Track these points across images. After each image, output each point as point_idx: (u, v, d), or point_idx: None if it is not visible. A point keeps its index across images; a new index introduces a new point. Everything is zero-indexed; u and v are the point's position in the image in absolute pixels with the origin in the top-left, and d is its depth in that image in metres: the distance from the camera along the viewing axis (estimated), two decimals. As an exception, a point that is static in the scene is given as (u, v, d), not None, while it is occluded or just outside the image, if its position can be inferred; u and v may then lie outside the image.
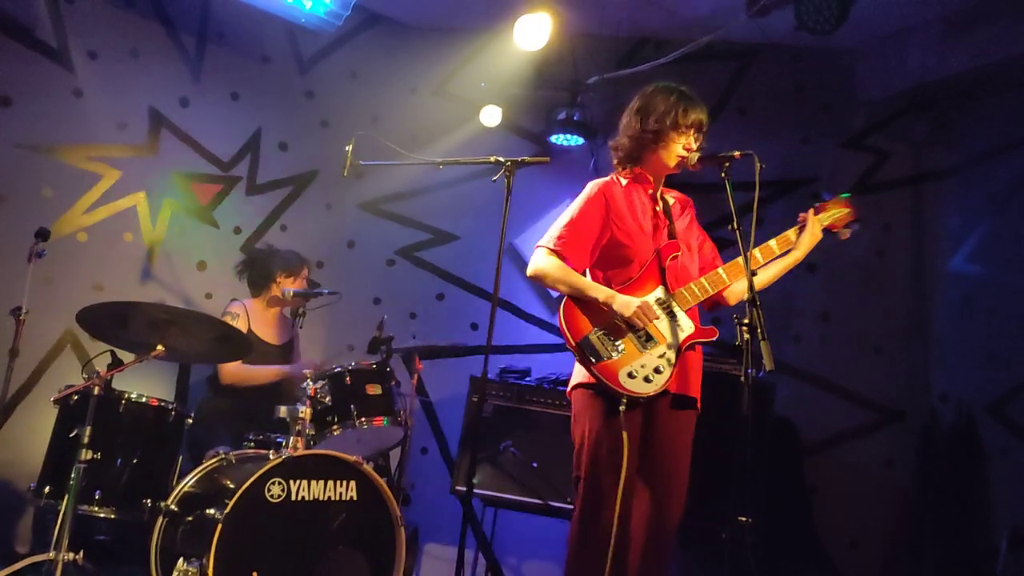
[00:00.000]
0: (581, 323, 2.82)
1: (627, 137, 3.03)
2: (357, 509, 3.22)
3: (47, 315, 4.44)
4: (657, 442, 2.87)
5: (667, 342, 2.83)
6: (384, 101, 5.51)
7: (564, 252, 2.91)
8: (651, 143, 2.96)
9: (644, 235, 2.96)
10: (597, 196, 2.99)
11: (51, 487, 3.41)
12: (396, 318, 5.03)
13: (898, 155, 5.17)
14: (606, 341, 2.79)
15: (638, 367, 2.77)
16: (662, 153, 2.97)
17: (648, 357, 2.80)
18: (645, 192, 3.05)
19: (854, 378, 5.07)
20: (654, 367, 2.79)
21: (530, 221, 5.50)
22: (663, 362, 2.80)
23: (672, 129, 2.93)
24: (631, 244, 2.93)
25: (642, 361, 2.78)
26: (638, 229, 2.95)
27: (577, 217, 2.96)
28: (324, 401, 3.49)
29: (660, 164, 3.01)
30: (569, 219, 2.97)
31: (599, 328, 2.81)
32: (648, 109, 2.98)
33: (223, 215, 5.20)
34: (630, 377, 2.75)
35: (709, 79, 5.40)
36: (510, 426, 4.56)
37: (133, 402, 3.53)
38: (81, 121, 4.77)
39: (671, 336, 2.84)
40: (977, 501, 4.60)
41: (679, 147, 2.95)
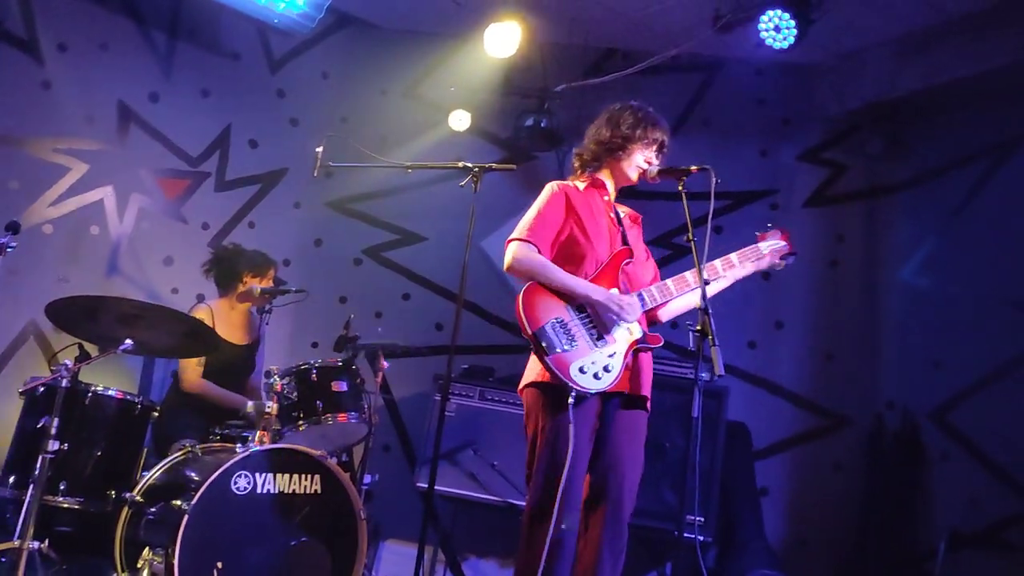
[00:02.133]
0: (539, 313, 2.87)
1: (594, 143, 3.17)
2: (321, 502, 3.29)
3: (10, 306, 4.45)
4: (612, 442, 2.96)
5: (616, 343, 2.92)
6: (354, 101, 5.58)
7: (536, 242, 2.99)
8: (617, 150, 3.10)
9: (598, 237, 3.06)
10: (559, 193, 3.10)
11: (15, 477, 3.42)
12: (362, 317, 5.08)
13: (853, 169, 5.36)
14: (561, 334, 2.86)
15: (588, 363, 2.84)
16: (624, 163, 3.11)
17: (598, 355, 2.88)
18: (600, 198, 3.17)
19: (805, 384, 5.24)
20: (603, 365, 2.87)
21: (496, 224, 5.59)
22: (612, 362, 2.89)
23: (637, 141, 3.09)
24: (586, 243, 3.03)
25: (592, 358, 2.87)
26: (593, 230, 3.05)
27: (543, 210, 3.06)
28: (290, 397, 3.54)
29: (620, 173, 3.15)
30: (536, 212, 3.06)
31: (555, 320, 2.87)
32: (618, 120, 3.12)
33: (191, 211, 5.22)
34: (581, 372, 2.82)
35: (674, 90, 5.55)
36: (472, 425, 4.66)
37: (100, 395, 3.54)
38: (49, 113, 4.77)
39: (622, 337, 2.94)
40: (918, 504, 4.79)
41: (640, 159, 3.10)
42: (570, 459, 2.78)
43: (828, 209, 5.39)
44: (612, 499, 2.92)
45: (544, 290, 2.93)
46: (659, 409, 3.16)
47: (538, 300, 2.90)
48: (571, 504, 2.85)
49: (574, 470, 2.81)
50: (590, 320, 2.93)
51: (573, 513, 2.86)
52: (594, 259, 3.03)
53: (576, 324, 2.90)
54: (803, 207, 5.41)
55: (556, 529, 2.80)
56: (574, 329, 2.89)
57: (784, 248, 3.19)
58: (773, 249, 3.16)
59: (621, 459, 2.96)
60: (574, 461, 2.80)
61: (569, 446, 2.77)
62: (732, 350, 5.11)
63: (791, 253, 3.20)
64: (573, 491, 2.84)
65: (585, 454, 2.90)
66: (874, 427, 5.01)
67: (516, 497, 4.46)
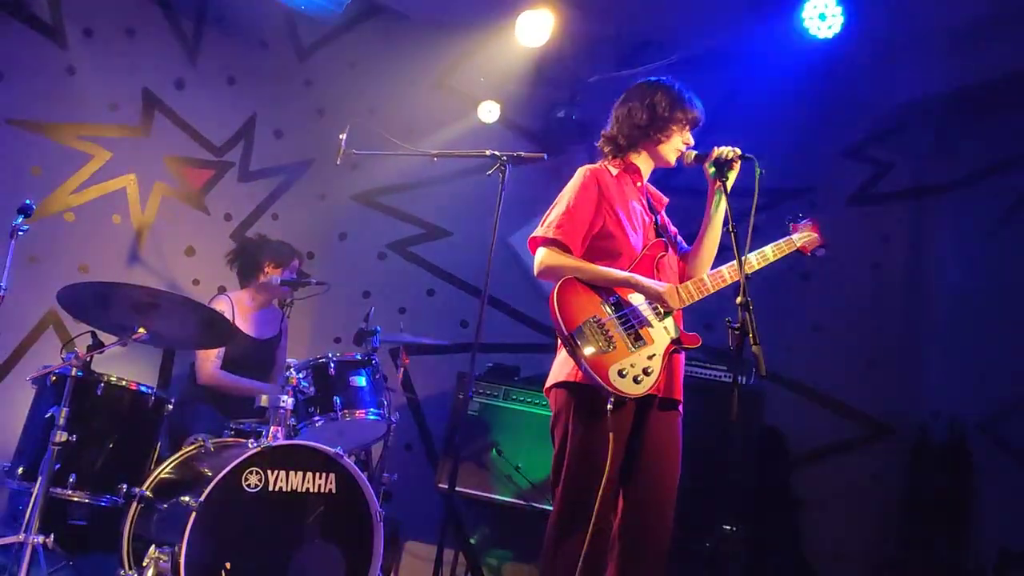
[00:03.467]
0: (574, 312, 2.64)
1: (628, 125, 2.93)
2: (335, 502, 3.16)
3: (30, 294, 4.38)
4: (648, 449, 2.75)
5: (655, 344, 2.71)
6: (382, 92, 5.45)
7: (565, 240, 2.77)
8: (655, 133, 2.89)
9: (633, 228, 2.85)
10: (590, 180, 2.86)
11: (24, 468, 3.34)
12: (386, 313, 4.97)
13: (898, 167, 5.14)
14: (599, 334, 2.64)
15: (628, 366, 2.62)
16: (662, 146, 2.91)
17: (637, 357, 2.66)
18: (633, 184, 2.96)
19: (845, 390, 5.03)
20: (643, 368, 2.65)
21: (525, 220, 5.42)
22: (652, 364, 2.67)
23: (676, 122, 2.89)
24: (621, 236, 2.82)
25: (632, 360, 2.64)
26: (628, 221, 2.84)
27: (574, 203, 2.82)
28: (306, 391, 3.42)
29: (658, 156, 2.95)
30: (565, 206, 2.83)
31: (592, 320, 2.66)
32: (653, 100, 2.90)
33: (214, 201, 5.13)
34: (620, 376, 2.60)
35: (710, 83, 5.33)
36: (496, 425, 4.51)
37: (112, 385, 3.45)
38: (73, 99, 4.71)
39: (660, 338, 2.73)
40: (965, 520, 4.56)
41: (679, 140, 2.91)
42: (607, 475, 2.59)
43: (871, 208, 5.18)
44: (648, 514, 2.72)
45: (579, 286, 2.71)
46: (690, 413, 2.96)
47: (573, 298, 2.68)
48: (607, 518, 2.66)
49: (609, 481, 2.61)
50: (627, 320, 2.71)
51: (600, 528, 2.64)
52: (629, 253, 2.81)
53: (614, 323, 2.68)
54: (845, 205, 5.19)
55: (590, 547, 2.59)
56: (611, 329, 2.67)
57: (816, 240, 3.01)
58: (805, 241, 2.99)
59: (656, 465, 2.75)
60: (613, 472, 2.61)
61: (608, 458, 2.58)
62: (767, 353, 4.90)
63: (822, 246, 3.03)
64: (607, 505, 2.65)
65: (617, 463, 2.67)
66: (918, 437, 4.80)
67: (540, 501, 4.31)
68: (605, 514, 2.65)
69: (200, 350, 4.16)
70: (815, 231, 3.04)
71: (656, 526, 2.73)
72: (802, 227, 3.04)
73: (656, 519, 2.73)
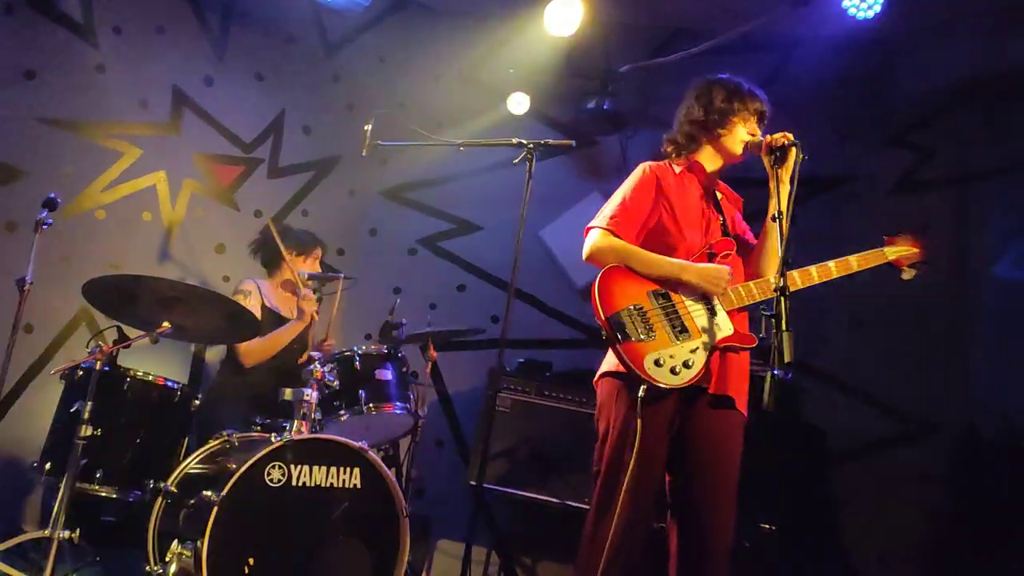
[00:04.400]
0: (615, 298, 2.62)
1: (688, 123, 2.92)
2: (360, 498, 3.10)
3: (62, 291, 4.40)
4: (696, 446, 2.69)
5: (702, 338, 2.64)
6: (410, 86, 5.41)
7: (618, 231, 2.76)
8: (715, 127, 2.85)
9: (692, 226, 2.80)
10: (649, 176, 2.85)
11: (52, 463, 3.34)
12: (416, 308, 4.93)
13: (943, 153, 4.94)
14: (638, 322, 2.60)
15: (667, 356, 2.57)
16: (726, 139, 2.86)
17: (679, 348, 2.60)
18: (699, 183, 2.90)
19: (887, 387, 4.84)
20: (683, 360, 2.59)
21: (555, 213, 5.37)
22: (694, 357, 2.61)
23: (736, 114, 2.84)
24: (676, 232, 2.78)
25: (671, 351, 2.59)
26: (687, 218, 2.80)
27: (629, 196, 2.82)
28: (331, 385, 3.37)
29: (724, 151, 2.88)
30: (621, 198, 2.83)
31: (634, 307, 2.62)
32: (710, 95, 2.89)
33: (244, 198, 5.12)
34: (656, 365, 2.55)
35: (746, 71, 5.16)
36: (528, 421, 4.43)
37: (138, 380, 3.44)
38: (103, 97, 4.72)
39: (707, 333, 2.66)
40: (1017, 520, 4.36)
41: (743, 132, 2.84)
42: (635, 461, 2.56)
43: (915, 196, 4.98)
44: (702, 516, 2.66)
45: (625, 274, 2.68)
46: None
47: (616, 284, 2.65)
48: (636, 507, 2.59)
49: (641, 471, 2.57)
50: (674, 310, 2.66)
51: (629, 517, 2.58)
52: (685, 249, 2.76)
53: (657, 313, 2.63)
54: (887, 195, 5.01)
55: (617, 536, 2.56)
56: (654, 318, 2.62)
57: (915, 255, 2.83)
58: (901, 255, 2.83)
59: (704, 464, 2.68)
60: (641, 461, 2.56)
61: (635, 447, 2.55)
62: (807, 348, 4.77)
63: (923, 262, 2.83)
64: (639, 494, 2.59)
65: (658, 455, 2.64)
66: (966, 434, 4.60)
67: (574, 498, 4.22)
68: (636, 504, 2.58)
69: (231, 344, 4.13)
70: (916, 246, 2.84)
71: (709, 524, 2.65)
72: (900, 240, 2.86)
73: (708, 517, 2.66)
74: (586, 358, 5.02)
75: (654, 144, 5.24)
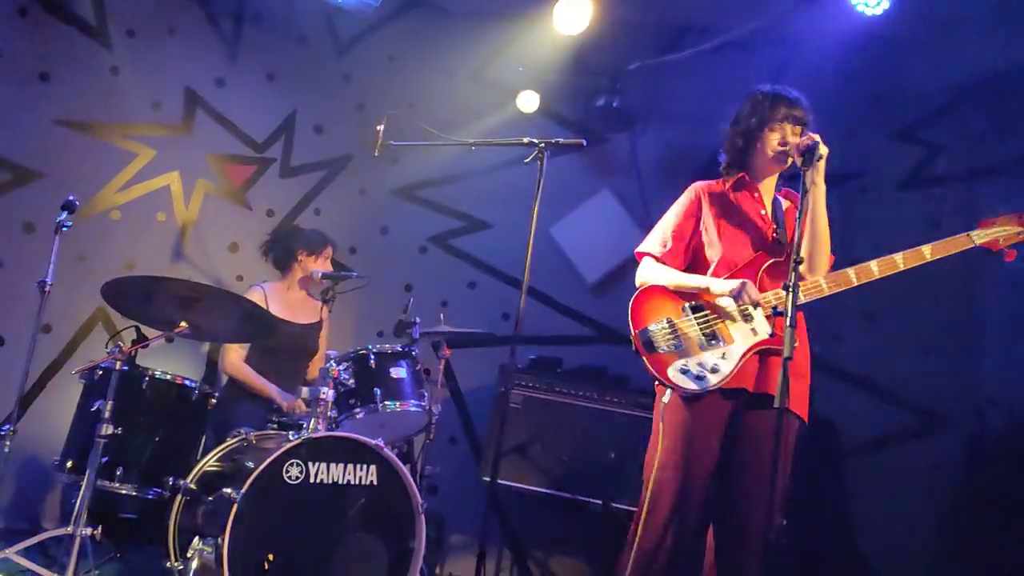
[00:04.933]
0: (647, 314, 2.86)
1: (729, 143, 3.06)
2: (377, 494, 3.15)
3: (79, 292, 4.45)
4: (740, 447, 2.81)
5: (733, 344, 2.77)
6: (420, 86, 5.43)
7: (665, 254, 2.99)
8: (752, 142, 2.96)
9: (734, 240, 2.92)
10: (694, 197, 3.05)
11: (73, 461, 3.39)
12: (427, 306, 4.95)
13: (951, 149, 4.95)
14: (667, 334, 2.81)
15: (694, 364, 2.76)
16: (761, 152, 2.94)
17: (707, 356, 2.77)
18: (751, 196, 3.00)
19: (899, 380, 4.86)
20: (711, 366, 2.75)
21: (565, 210, 5.40)
22: (723, 362, 2.75)
23: (763, 127, 2.92)
24: (715, 248, 2.93)
25: (700, 359, 2.77)
26: (728, 234, 2.93)
27: (674, 219, 3.04)
28: (347, 383, 3.41)
29: (764, 164, 2.97)
30: (667, 221, 3.06)
31: (666, 321, 2.83)
32: (739, 115, 3.02)
33: (256, 197, 5.17)
34: (681, 372, 2.75)
35: (754, 68, 5.23)
36: (540, 417, 4.47)
37: (157, 379, 3.49)
38: (117, 99, 4.77)
39: (741, 338, 2.77)
40: (1025, 512, 4.39)
41: (775, 140, 2.90)
42: (658, 462, 2.77)
43: (923, 193, 4.99)
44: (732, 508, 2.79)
45: (661, 291, 2.92)
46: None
47: (649, 302, 2.90)
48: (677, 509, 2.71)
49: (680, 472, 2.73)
50: (705, 320, 2.82)
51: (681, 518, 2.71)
52: (726, 263, 2.90)
53: (689, 324, 2.82)
54: (895, 190, 5.03)
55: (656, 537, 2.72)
56: (686, 329, 2.82)
57: (1015, 235, 2.79)
58: (998, 236, 2.79)
59: (744, 464, 2.78)
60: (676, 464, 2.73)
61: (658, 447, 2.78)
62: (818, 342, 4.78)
63: None
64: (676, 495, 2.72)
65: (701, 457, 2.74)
66: (975, 428, 4.62)
67: (586, 494, 4.26)
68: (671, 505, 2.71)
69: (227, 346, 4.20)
70: (1019, 223, 2.79)
71: (744, 525, 2.74)
72: (1000, 221, 2.82)
73: (745, 517, 2.74)
74: (596, 354, 5.06)
75: (663, 141, 5.35)
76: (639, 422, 4.26)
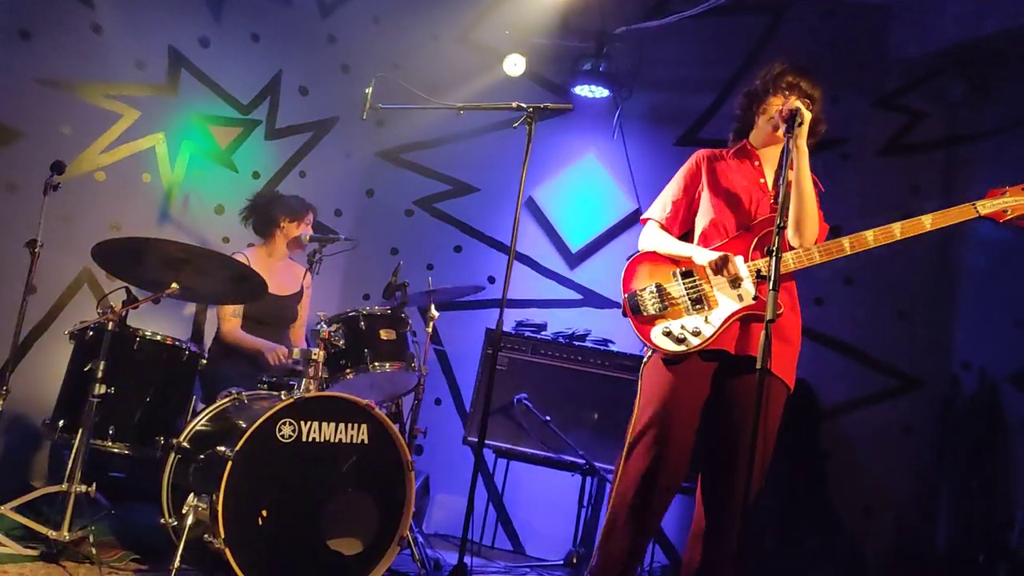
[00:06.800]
0: (637, 279, 2.94)
1: (739, 109, 3.12)
2: (368, 453, 3.20)
3: (64, 253, 4.44)
4: (722, 409, 2.89)
5: (717, 308, 2.83)
6: (406, 47, 5.41)
7: (665, 219, 3.07)
8: (752, 111, 3.02)
9: (730, 207, 2.96)
10: (693, 164, 3.10)
11: (65, 421, 3.42)
12: (413, 269, 4.99)
13: (932, 116, 5.03)
14: (653, 299, 2.87)
15: (677, 327, 2.82)
16: (763, 119, 2.98)
17: (691, 319, 2.83)
18: (751, 164, 3.04)
19: (875, 343, 4.98)
20: (693, 329, 2.81)
21: (550, 173, 5.43)
22: (706, 326, 2.81)
23: (769, 95, 2.96)
24: (710, 213, 2.97)
25: (683, 322, 2.83)
26: (726, 200, 2.97)
27: (676, 184, 3.11)
28: (338, 344, 3.45)
29: (763, 130, 3.00)
30: (669, 187, 3.13)
31: (655, 285, 2.89)
32: (755, 81, 3.06)
33: (242, 159, 5.15)
34: (664, 335, 2.82)
35: (740, 34, 5.27)
36: (524, 379, 4.55)
37: (147, 340, 3.51)
38: (100, 58, 4.71)
39: (726, 302, 2.83)
40: (995, 472, 4.53)
41: (774, 108, 2.92)
42: (635, 420, 2.85)
43: (903, 159, 5.08)
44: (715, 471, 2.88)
45: (654, 257, 2.98)
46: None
47: (641, 267, 2.97)
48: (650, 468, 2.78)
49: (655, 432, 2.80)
50: (695, 285, 2.87)
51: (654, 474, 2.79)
52: (720, 229, 2.95)
53: (677, 288, 2.89)
54: (876, 156, 5.10)
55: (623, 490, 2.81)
56: (674, 292, 2.88)
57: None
58: (1007, 205, 2.75)
59: (725, 425, 2.86)
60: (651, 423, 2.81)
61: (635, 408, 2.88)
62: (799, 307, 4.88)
63: None
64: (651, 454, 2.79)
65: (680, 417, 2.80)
66: (948, 389, 4.75)
67: (569, 453, 4.35)
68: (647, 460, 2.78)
69: (223, 306, 4.23)
70: None
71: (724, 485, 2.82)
72: (1010, 192, 2.76)
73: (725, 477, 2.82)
74: (581, 317, 5.14)
75: (648, 105, 5.37)
76: (621, 384, 4.35)
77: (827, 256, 2.81)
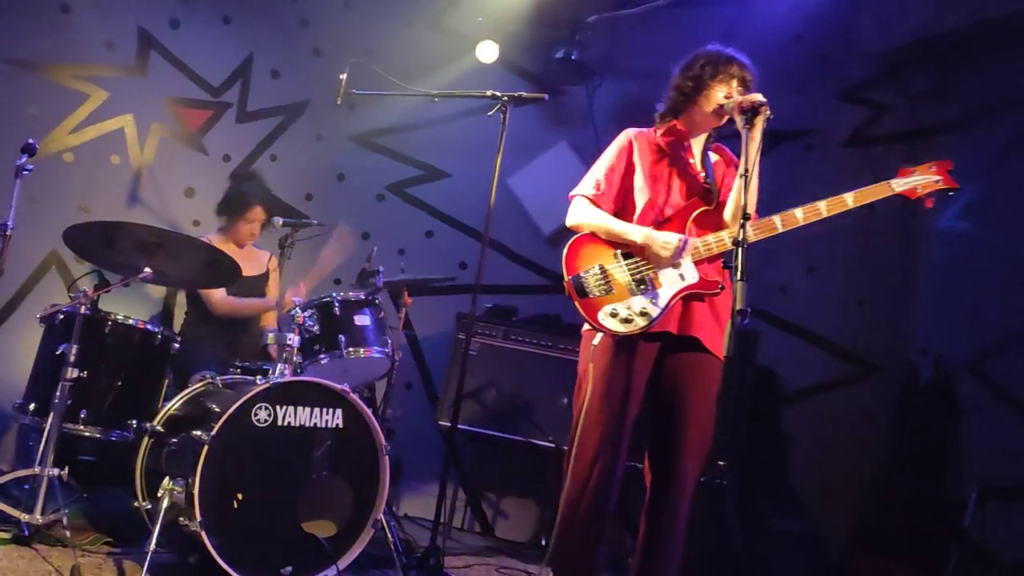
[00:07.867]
0: (580, 261, 2.91)
1: (673, 90, 3.07)
2: (343, 437, 3.24)
3: (32, 235, 4.40)
4: (665, 390, 2.92)
5: (661, 289, 2.85)
6: (378, 32, 5.40)
7: (598, 200, 3.02)
8: (693, 93, 2.99)
9: (663, 188, 2.99)
10: (624, 143, 3.07)
11: (36, 404, 3.41)
12: (385, 253, 4.99)
13: (895, 109, 5.13)
14: (599, 280, 2.86)
15: (623, 308, 2.82)
16: (702, 104, 2.97)
17: (636, 300, 2.84)
18: (680, 146, 3.06)
19: (836, 330, 5.09)
20: (639, 309, 2.82)
21: (524, 161, 5.46)
22: (651, 306, 2.82)
23: (711, 79, 2.95)
24: (644, 194, 2.98)
25: (629, 303, 2.83)
26: (655, 182, 2.98)
27: (607, 162, 3.06)
28: (312, 330, 3.48)
29: (702, 116, 3.00)
30: (600, 164, 3.08)
31: (598, 267, 2.88)
32: (691, 64, 3.03)
33: (212, 142, 5.13)
34: (610, 316, 2.82)
35: (707, 24, 5.32)
36: (495, 364, 4.60)
37: (119, 323, 3.51)
38: (68, 38, 4.66)
39: (669, 282, 2.86)
40: (949, 455, 4.68)
41: (720, 96, 2.94)
42: (587, 402, 2.84)
43: (867, 151, 5.17)
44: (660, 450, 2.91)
45: (594, 239, 2.96)
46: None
47: (583, 249, 2.94)
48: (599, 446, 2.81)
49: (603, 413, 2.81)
50: (636, 266, 2.89)
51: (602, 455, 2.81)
52: (653, 210, 2.97)
53: (620, 269, 2.89)
54: (840, 147, 5.21)
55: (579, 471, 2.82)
56: (617, 274, 2.88)
57: (934, 183, 2.84)
58: (918, 185, 2.84)
59: (669, 405, 2.91)
60: (604, 404, 2.82)
61: (587, 388, 2.84)
62: (763, 295, 4.99)
63: (950, 189, 2.85)
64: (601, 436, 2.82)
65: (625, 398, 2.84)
66: (906, 375, 4.89)
67: (537, 437, 4.42)
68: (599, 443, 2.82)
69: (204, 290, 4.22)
70: (940, 172, 2.84)
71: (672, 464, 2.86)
72: (918, 170, 2.86)
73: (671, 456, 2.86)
74: (551, 303, 5.19)
75: (620, 94, 5.43)
76: (591, 369, 4.41)
77: (760, 234, 2.83)
